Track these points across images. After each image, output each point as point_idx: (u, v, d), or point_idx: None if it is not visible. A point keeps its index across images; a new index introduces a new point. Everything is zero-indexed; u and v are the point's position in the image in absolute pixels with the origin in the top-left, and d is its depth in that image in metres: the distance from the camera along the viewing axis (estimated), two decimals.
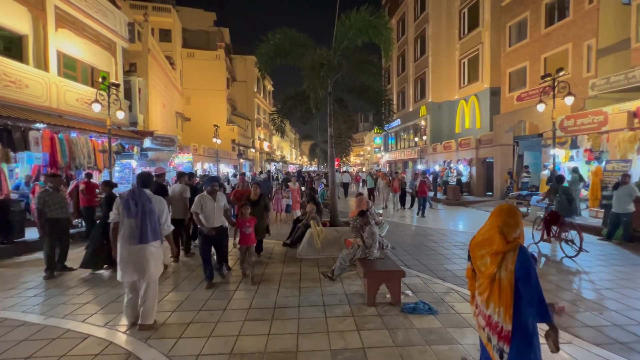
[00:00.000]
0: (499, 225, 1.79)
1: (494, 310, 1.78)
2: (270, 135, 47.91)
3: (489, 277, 1.79)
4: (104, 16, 12.65)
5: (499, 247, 1.75)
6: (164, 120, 20.96)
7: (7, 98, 8.81)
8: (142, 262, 3.34)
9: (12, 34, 9.61)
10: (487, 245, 1.83)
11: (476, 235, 1.95)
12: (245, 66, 38.33)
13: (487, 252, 1.83)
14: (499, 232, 1.77)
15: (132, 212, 3.32)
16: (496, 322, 1.76)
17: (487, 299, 1.82)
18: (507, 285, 1.71)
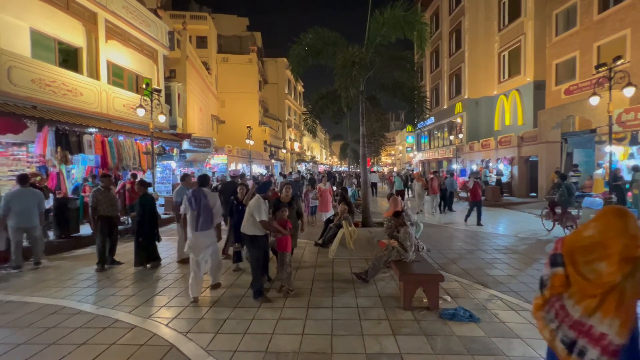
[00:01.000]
0: (623, 228, 1.52)
1: (602, 321, 1.55)
2: (300, 136, 48.44)
3: (606, 285, 1.56)
4: (147, 26, 13.49)
5: (630, 252, 1.48)
6: (200, 123, 21.95)
7: (65, 105, 9.67)
8: (206, 242, 4.36)
9: (69, 47, 10.54)
10: (599, 250, 1.57)
11: (576, 238, 1.68)
12: (277, 68, 39.10)
13: (599, 257, 1.59)
14: (625, 237, 1.51)
15: (193, 206, 4.25)
16: (602, 334, 1.55)
17: (594, 309, 1.59)
18: (632, 297, 1.51)
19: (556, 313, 1.70)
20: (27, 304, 4.25)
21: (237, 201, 5.53)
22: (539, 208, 11.95)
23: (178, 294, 4.54)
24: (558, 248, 1.72)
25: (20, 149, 8.76)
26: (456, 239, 7.98)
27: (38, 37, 9.45)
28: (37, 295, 4.52)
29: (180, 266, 5.85)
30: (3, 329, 3.55)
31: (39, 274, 5.55)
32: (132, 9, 12.62)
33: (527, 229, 8.97)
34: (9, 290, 4.78)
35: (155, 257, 5.86)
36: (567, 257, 1.68)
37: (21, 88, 8.50)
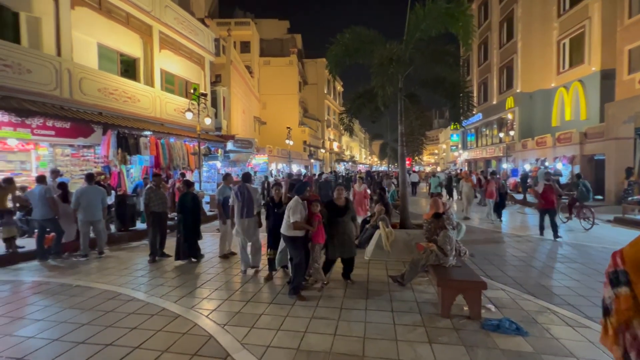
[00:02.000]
0: None
1: None
2: (339, 136, 48.41)
3: None
4: (195, 35, 14.40)
5: None
6: (243, 124, 22.93)
7: (125, 111, 10.69)
8: (249, 227, 5.34)
9: (129, 58, 11.63)
10: None
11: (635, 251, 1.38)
12: (316, 69, 39.48)
13: None
14: None
15: (239, 199, 5.27)
16: None
17: None
18: None
19: (630, 345, 1.35)
20: (91, 288, 4.77)
21: (272, 203, 5.27)
22: (607, 213, 10.67)
23: (218, 287, 4.78)
24: (618, 263, 1.41)
25: (88, 151, 9.86)
26: (504, 245, 7.40)
27: (104, 50, 10.57)
28: (100, 282, 5.05)
29: (222, 261, 6.16)
30: (72, 309, 4.02)
31: (102, 262, 6.20)
32: (182, 19, 13.56)
33: (590, 236, 8.03)
34: (78, 275, 5.40)
35: (195, 253, 6.17)
36: (632, 273, 1.36)
37: (89, 97, 9.55)
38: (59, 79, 8.72)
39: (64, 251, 6.48)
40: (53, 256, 6.33)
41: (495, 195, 10.37)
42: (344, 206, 4.76)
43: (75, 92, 9.13)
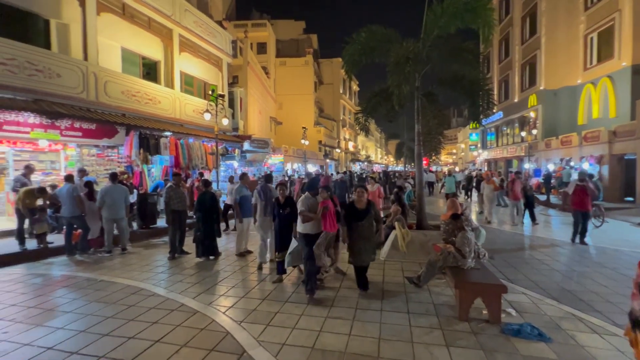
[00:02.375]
0: None
1: None
2: (355, 135, 48.19)
3: None
4: (213, 37, 14.70)
5: None
6: (260, 125, 23.20)
7: (146, 112, 11.05)
8: (270, 223, 5.54)
9: (150, 61, 12.02)
10: None
11: None
12: (332, 69, 39.46)
13: None
14: None
15: (262, 197, 5.63)
16: None
17: None
18: None
19: None
20: (115, 283, 4.96)
21: (277, 203, 5.06)
22: (639, 215, 10.13)
23: (235, 285, 4.87)
24: None
25: (112, 151, 10.26)
26: (526, 247, 7.16)
27: (127, 54, 10.96)
28: (122, 277, 5.24)
29: (238, 259, 6.26)
30: (97, 303, 4.20)
31: (124, 258, 6.43)
32: (201, 22, 13.87)
33: (620, 239, 7.64)
34: (102, 270, 5.63)
35: (213, 251, 6.30)
36: None
37: (113, 99, 9.93)
38: (86, 83, 9.12)
39: (89, 247, 6.77)
40: (80, 252, 6.63)
41: (521, 197, 9.53)
42: (364, 209, 4.36)
43: (100, 95, 9.51)
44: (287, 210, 4.94)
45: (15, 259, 6.07)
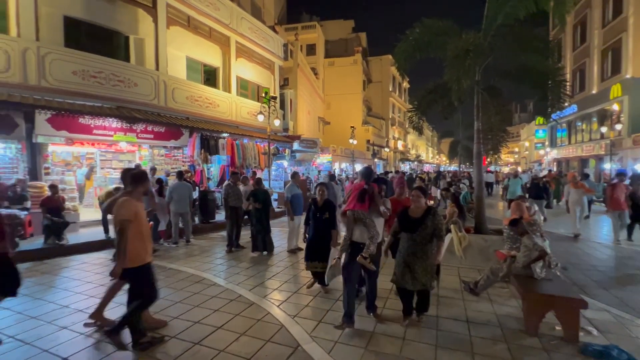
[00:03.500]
0: None
1: None
2: (404, 134, 46.66)
3: None
4: (266, 42, 15.34)
5: None
6: (308, 125, 23.65)
7: (207, 115, 11.93)
8: None
9: (210, 68, 12.95)
10: None
11: None
12: (381, 66, 38.67)
13: None
14: None
15: (330, 195, 5.30)
16: None
17: None
18: None
19: None
20: (181, 272, 5.45)
21: (314, 206, 4.48)
22: None
23: (287, 280, 5.03)
24: None
25: (178, 152, 11.27)
26: (608, 258, 6.27)
27: (191, 62, 11.95)
28: (187, 266, 5.74)
29: (290, 256, 6.46)
30: (168, 288, 4.65)
31: (189, 249, 7.03)
32: (255, 28, 14.56)
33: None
34: (170, 260, 6.22)
35: (266, 246, 6.57)
36: None
37: (179, 104, 10.91)
38: (157, 90, 10.15)
39: (159, 238, 7.53)
40: (153, 242, 7.39)
41: (625, 206, 7.23)
42: (419, 218, 3.39)
43: (169, 101, 10.51)
44: (325, 215, 4.38)
45: (102, 245, 6.98)
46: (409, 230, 3.43)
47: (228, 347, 3.11)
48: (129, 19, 9.81)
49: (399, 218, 3.59)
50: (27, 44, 7.68)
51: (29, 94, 7.65)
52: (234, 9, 13.16)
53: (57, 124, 7.84)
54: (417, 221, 3.40)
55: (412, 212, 3.49)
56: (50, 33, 8.23)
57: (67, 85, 8.24)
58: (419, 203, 3.48)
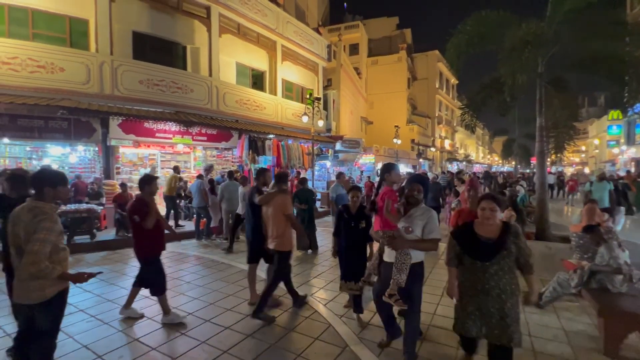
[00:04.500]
0: None
1: None
2: (452, 133, 44.33)
3: None
4: (311, 44, 15.59)
5: None
6: (351, 125, 23.55)
7: (254, 118, 12.45)
8: None
9: (258, 72, 13.50)
10: None
11: None
12: (427, 63, 37.17)
13: None
14: None
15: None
16: None
17: None
18: None
19: None
20: (232, 266, 5.75)
21: (347, 213, 3.76)
22: None
23: (332, 280, 5.05)
24: None
25: (228, 153, 11.92)
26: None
27: (240, 67, 12.57)
28: (237, 261, 6.04)
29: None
30: (220, 281, 4.95)
31: (238, 245, 7.38)
32: (300, 31, 14.87)
33: None
34: (222, 254, 6.59)
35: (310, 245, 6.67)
36: None
37: (229, 107, 11.53)
38: (210, 95, 10.84)
39: (212, 233, 8.03)
40: (205, 237, 7.92)
41: None
42: (495, 240, 2.40)
43: (220, 105, 11.17)
44: (362, 224, 3.60)
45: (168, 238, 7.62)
46: (479, 257, 2.42)
47: (278, 342, 3.21)
48: (186, 30, 10.61)
49: (460, 237, 2.56)
50: (104, 58, 8.68)
51: (104, 102, 8.63)
52: (280, 13, 13.58)
53: (126, 129, 8.74)
54: (492, 245, 2.39)
55: (483, 230, 2.45)
56: (121, 47, 9.20)
57: (134, 93, 9.15)
58: (493, 219, 2.41)
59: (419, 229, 2.62)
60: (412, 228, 2.64)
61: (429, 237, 2.61)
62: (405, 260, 2.63)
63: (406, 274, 2.61)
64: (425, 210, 2.70)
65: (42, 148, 8.84)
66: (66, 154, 9.28)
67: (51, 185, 2.26)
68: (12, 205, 2.44)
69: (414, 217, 2.67)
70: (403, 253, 2.64)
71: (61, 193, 2.33)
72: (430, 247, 2.64)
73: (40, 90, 7.88)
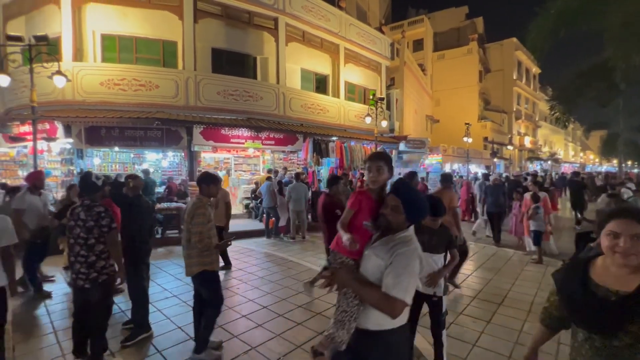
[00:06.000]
0: None
1: None
2: (534, 129, 39.34)
3: None
4: (374, 44, 15.40)
5: None
6: (415, 124, 22.57)
7: (318, 121, 12.77)
8: None
9: (321, 76, 13.82)
10: None
11: None
12: (502, 52, 33.71)
13: None
14: None
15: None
16: None
17: None
18: None
19: None
20: (299, 264, 5.97)
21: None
22: None
23: None
24: None
25: (293, 155, 12.43)
26: None
27: (304, 73, 13.02)
28: (304, 260, 6.24)
29: None
30: (290, 278, 5.17)
31: (303, 245, 7.65)
32: (363, 32, 14.80)
33: None
34: (290, 252, 6.89)
35: None
36: None
37: (295, 112, 12.02)
38: (277, 101, 11.45)
39: (280, 232, 8.44)
40: (273, 236, 8.37)
41: None
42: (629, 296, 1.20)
43: (287, 110, 11.72)
44: (433, 241, 2.74)
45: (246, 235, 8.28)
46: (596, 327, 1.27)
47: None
48: (256, 42, 11.40)
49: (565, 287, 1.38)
50: (189, 74, 9.81)
51: (189, 113, 9.75)
52: (343, 16, 13.70)
53: (207, 135, 9.74)
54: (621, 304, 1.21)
55: (606, 278, 1.29)
56: (202, 63, 10.30)
57: (213, 103, 10.15)
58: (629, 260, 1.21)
59: (376, 270, 1.54)
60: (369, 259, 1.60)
61: (385, 290, 1.45)
62: (350, 309, 1.59)
63: (349, 332, 1.58)
64: (402, 243, 1.53)
65: (142, 154, 10.37)
66: (159, 159, 10.73)
67: (206, 183, 2.96)
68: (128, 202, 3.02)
69: (377, 248, 1.59)
70: (348, 296, 1.60)
71: (212, 189, 2.99)
72: (379, 304, 1.47)
73: (141, 105, 9.25)
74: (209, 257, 2.93)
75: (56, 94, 8.57)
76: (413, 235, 1.62)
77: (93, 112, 8.57)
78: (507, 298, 4.34)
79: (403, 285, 1.44)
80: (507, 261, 6.13)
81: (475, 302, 4.24)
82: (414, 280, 1.49)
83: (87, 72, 8.94)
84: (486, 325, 3.57)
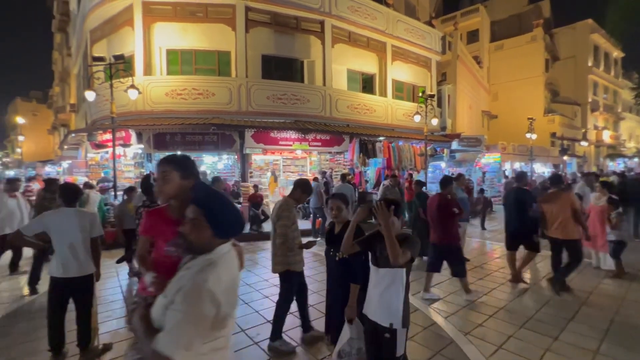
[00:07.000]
0: None
1: None
2: (614, 122, 34.33)
3: None
4: (423, 39, 14.79)
5: None
6: (470, 121, 21.13)
7: (364, 121, 12.64)
8: None
9: (367, 76, 13.67)
10: None
11: None
12: (575, 37, 29.98)
13: None
14: None
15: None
16: None
17: None
18: None
19: None
20: None
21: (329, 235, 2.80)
22: None
23: (453, 291, 4.63)
24: None
25: (340, 156, 12.46)
26: None
27: (350, 74, 12.99)
28: None
29: None
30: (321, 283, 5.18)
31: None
32: (411, 28, 14.30)
33: None
34: None
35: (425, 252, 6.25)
36: None
37: (341, 113, 12.04)
38: (324, 103, 11.59)
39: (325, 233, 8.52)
40: (320, 236, 8.47)
41: None
42: None
43: (333, 111, 11.81)
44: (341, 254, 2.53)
45: None
46: None
47: None
48: (303, 46, 11.68)
49: None
50: (241, 81, 10.41)
51: (241, 118, 10.33)
52: (390, 13, 13.38)
53: (257, 138, 10.23)
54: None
55: None
56: (253, 70, 10.85)
57: (263, 107, 10.63)
58: None
59: (160, 310, 1.18)
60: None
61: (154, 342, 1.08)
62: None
63: None
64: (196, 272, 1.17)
65: (200, 158, 11.25)
66: (215, 162, 11.54)
67: (301, 189, 3.17)
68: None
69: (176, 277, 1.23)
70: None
71: (302, 197, 3.21)
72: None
73: (200, 112, 10.05)
74: (293, 257, 3.08)
75: (130, 105, 9.70)
76: (221, 257, 1.21)
77: (159, 120, 9.54)
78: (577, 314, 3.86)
79: (173, 335, 1.07)
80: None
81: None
82: (195, 328, 1.09)
83: (155, 84, 9.98)
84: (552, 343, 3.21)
